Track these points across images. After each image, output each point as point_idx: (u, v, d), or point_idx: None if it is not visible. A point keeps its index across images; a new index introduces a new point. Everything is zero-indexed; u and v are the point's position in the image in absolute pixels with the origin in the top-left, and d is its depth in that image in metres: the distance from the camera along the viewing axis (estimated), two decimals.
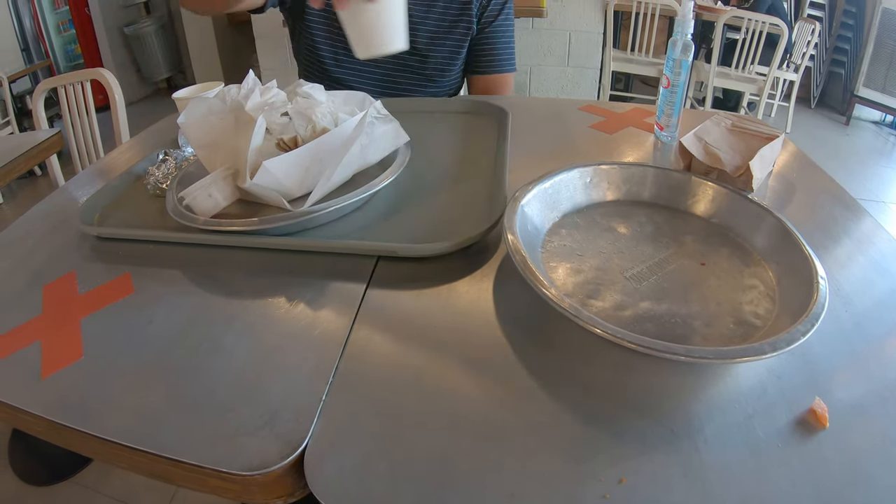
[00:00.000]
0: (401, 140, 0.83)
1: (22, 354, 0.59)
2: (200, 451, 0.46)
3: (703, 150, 0.85)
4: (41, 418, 0.52)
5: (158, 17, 6.14)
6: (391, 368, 0.53)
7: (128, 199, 0.89)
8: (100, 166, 1.11)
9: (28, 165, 1.68)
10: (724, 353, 0.49)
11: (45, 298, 0.68)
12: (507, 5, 1.32)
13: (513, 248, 0.60)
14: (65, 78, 2.13)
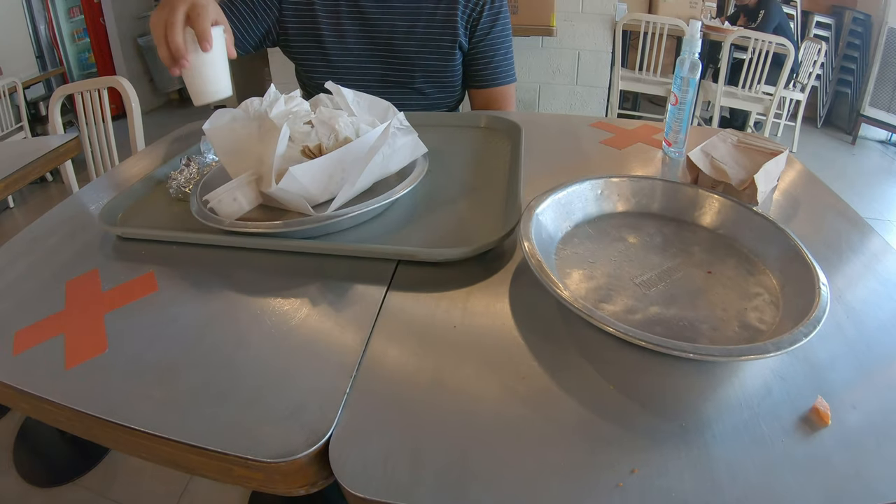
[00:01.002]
0: (419, 151, 0.87)
1: (46, 346, 0.62)
2: (226, 440, 0.48)
3: (710, 165, 0.87)
4: (64, 407, 0.54)
5: None
6: (411, 365, 0.55)
7: (149, 202, 0.92)
8: (117, 172, 1.15)
9: (45, 169, 1.71)
10: (730, 350, 0.51)
11: (68, 294, 0.71)
12: (501, 17, 1.33)
13: (529, 253, 0.62)
14: (82, 85, 2.17)
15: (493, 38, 1.32)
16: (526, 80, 3.56)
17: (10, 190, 1.53)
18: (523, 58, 3.48)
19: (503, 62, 1.35)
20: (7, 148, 2.11)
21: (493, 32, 1.32)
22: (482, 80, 1.35)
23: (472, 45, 1.32)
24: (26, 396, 0.56)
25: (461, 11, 1.27)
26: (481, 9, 1.29)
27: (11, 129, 3.98)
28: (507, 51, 1.36)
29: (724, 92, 3.88)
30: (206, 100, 0.93)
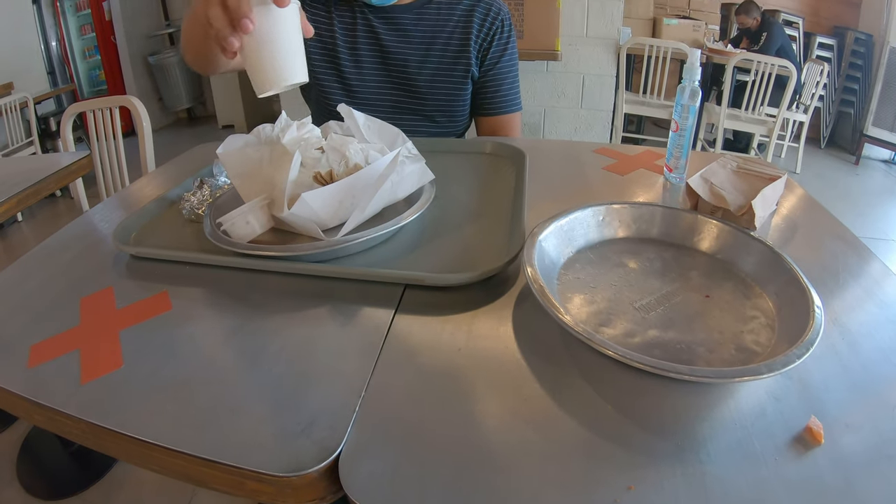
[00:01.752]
0: (426, 178, 0.89)
1: (61, 360, 0.63)
2: (239, 454, 0.50)
3: (709, 191, 0.89)
4: (79, 420, 0.55)
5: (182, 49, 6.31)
6: (418, 386, 0.57)
7: (163, 222, 0.95)
8: (129, 192, 1.17)
9: (57, 186, 1.73)
10: (724, 372, 0.53)
11: (82, 310, 0.73)
12: (510, 47, 1.36)
13: (531, 279, 0.64)
14: (94, 103, 2.21)
15: (502, 66, 1.36)
16: (531, 104, 3.60)
17: (22, 205, 1.55)
18: (528, 82, 3.52)
19: (510, 91, 1.38)
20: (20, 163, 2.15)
21: (501, 62, 1.35)
22: (490, 108, 1.38)
23: (481, 73, 1.35)
24: (41, 408, 0.58)
25: (473, 41, 1.31)
26: (492, 38, 1.32)
27: (22, 143, 4.04)
28: (514, 80, 1.39)
29: (728, 114, 3.91)
30: (279, 85, 0.76)
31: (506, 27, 1.35)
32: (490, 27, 1.32)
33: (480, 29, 1.32)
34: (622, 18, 3.64)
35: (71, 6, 6.02)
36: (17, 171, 1.74)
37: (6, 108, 3.87)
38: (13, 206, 1.51)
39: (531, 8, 3.30)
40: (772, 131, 3.78)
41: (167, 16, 6.60)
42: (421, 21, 1.31)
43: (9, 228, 3.70)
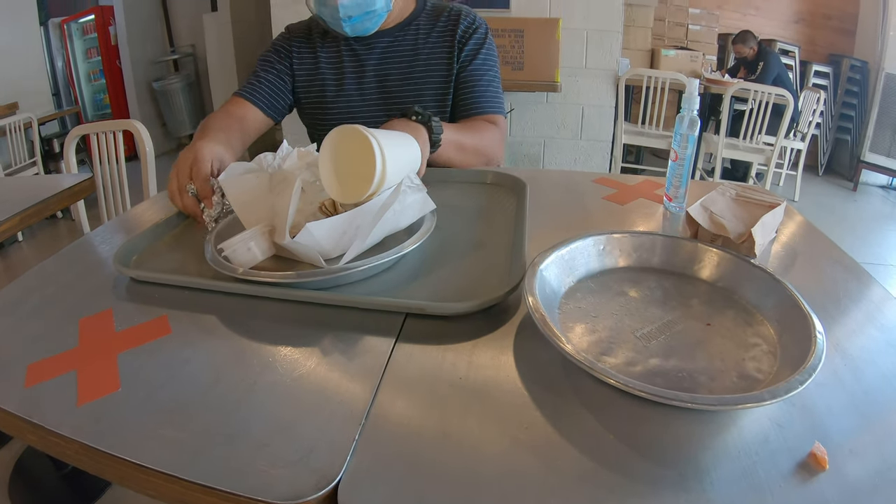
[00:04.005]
0: (428, 208, 0.90)
1: (58, 381, 0.63)
2: (236, 481, 0.49)
3: (709, 219, 0.90)
4: (75, 441, 0.55)
5: (186, 76, 6.39)
6: (419, 414, 0.57)
7: (163, 247, 0.96)
8: (131, 216, 1.19)
9: (59, 207, 1.73)
10: (726, 400, 0.53)
11: (81, 331, 0.73)
12: (485, 49, 1.41)
13: (533, 308, 0.65)
14: (98, 126, 2.23)
15: (476, 66, 1.40)
16: (531, 135, 3.64)
17: (24, 224, 1.55)
18: (528, 113, 3.56)
19: (486, 90, 1.40)
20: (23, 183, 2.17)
21: (475, 62, 1.39)
22: (466, 109, 1.40)
23: (457, 74, 1.40)
24: (35, 428, 0.58)
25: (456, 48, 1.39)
26: (468, 39, 1.39)
27: (25, 163, 4.07)
28: (490, 80, 1.41)
29: (726, 144, 3.95)
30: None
31: (481, 31, 1.41)
32: (466, 31, 1.39)
33: (462, 35, 1.39)
34: (621, 50, 3.70)
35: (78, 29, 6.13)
36: (19, 190, 1.75)
37: (11, 127, 3.91)
38: (15, 225, 1.51)
39: (531, 40, 3.36)
40: (769, 160, 3.80)
41: (172, 42, 6.71)
42: (403, 41, 1.39)
43: (9, 248, 3.70)
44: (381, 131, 0.85)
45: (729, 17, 5.84)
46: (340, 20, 1.25)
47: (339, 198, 0.86)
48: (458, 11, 1.41)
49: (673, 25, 5.48)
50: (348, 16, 1.24)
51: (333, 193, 0.86)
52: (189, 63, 6.69)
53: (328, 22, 1.30)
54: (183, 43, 6.70)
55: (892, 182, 5.26)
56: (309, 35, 1.43)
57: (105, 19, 6.02)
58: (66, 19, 6.15)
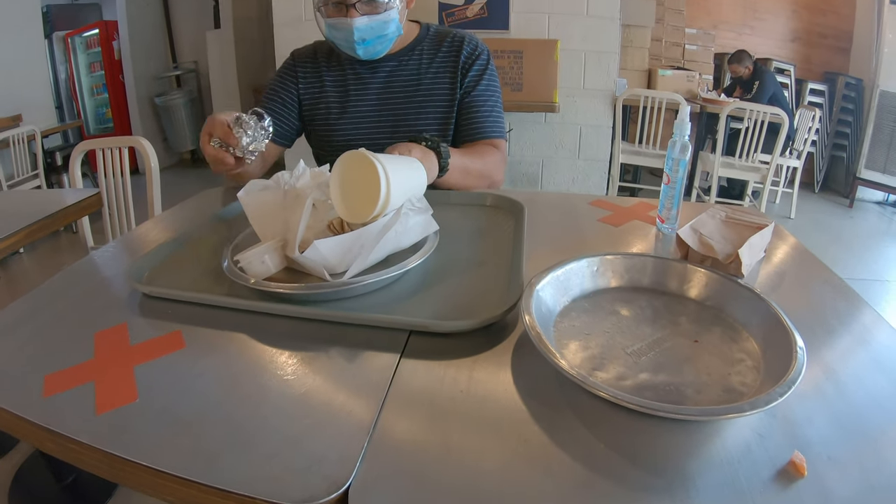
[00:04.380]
0: (431, 229, 0.94)
1: (76, 392, 0.66)
2: (252, 485, 0.53)
3: (699, 241, 0.93)
4: (94, 449, 0.58)
5: (188, 91, 6.40)
6: (423, 426, 0.60)
7: (175, 263, 0.99)
8: (137, 233, 1.23)
9: (65, 222, 1.75)
10: (709, 410, 0.57)
11: (97, 344, 0.75)
12: (487, 74, 1.46)
13: (529, 326, 0.68)
14: (104, 142, 2.26)
15: (479, 92, 1.44)
16: (529, 155, 3.67)
17: (30, 239, 1.57)
18: (527, 133, 3.60)
19: (489, 116, 1.45)
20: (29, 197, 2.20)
21: (478, 87, 1.44)
22: (469, 133, 1.45)
23: (460, 99, 1.45)
24: (55, 436, 0.60)
25: (459, 73, 1.43)
26: (471, 65, 1.44)
27: (27, 175, 4.09)
28: (493, 105, 1.46)
29: (722, 162, 3.97)
30: None
31: (484, 57, 1.46)
32: (469, 57, 1.44)
33: (465, 62, 1.43)
34: (618, 70, 3.74)
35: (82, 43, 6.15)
36: (25, 204, 1.78)
37: (14, 139, 3.93)
38: (21, 239, 1.53)
39: (530, 61, 3.40)
40: (765, 178, 3.84)
41: (175, 58, 6.75)
42: (407, 66, 1.43)
43: (10, 259, 3.67)
44: (387, 156, 0.90)
45: (725, 37, 5.89)
46: (354, 43, 1.29)
47: (346, 217, 0.90)
48: (462, 37, 1.46)
49: (670, 45, 5.54)
50: (362, 39, 1.29)
51: (342, 213, 0.90)
52: (191, 79, 6.73)
53: (340, 45, 1.34)
54: (186, 59, 6.75)
55: (887, 198, 5.31)
56: (314, 58, 1.47)
57: (109, 34, 6.06)
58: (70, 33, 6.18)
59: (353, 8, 1.25)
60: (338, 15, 1.27)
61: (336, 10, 1.27)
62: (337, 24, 1.28)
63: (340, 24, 1.27)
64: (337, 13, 1.27)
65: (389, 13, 1.28)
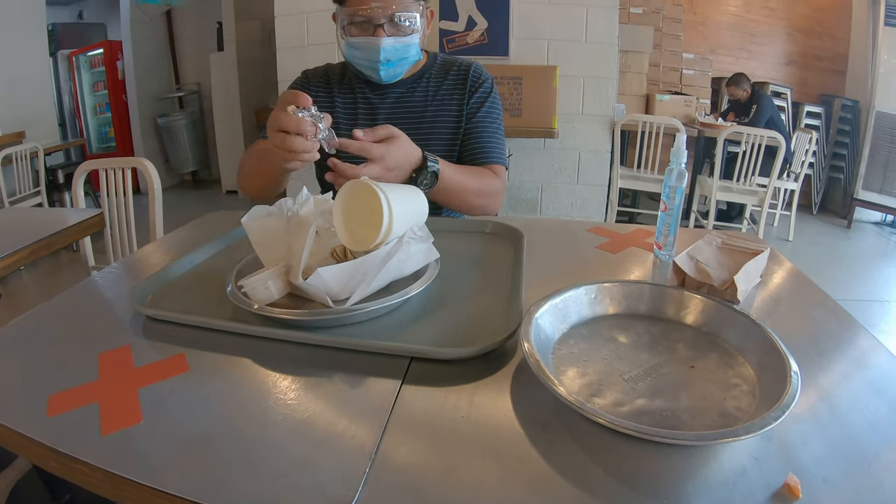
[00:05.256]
0: (432, 257, 0.96)
1: (81, 412, 0.66)
2: None
3: (695, 268, 0.95)
4: (99, 469, 0.58)
5: (191, 113, 6.45)
6: (424, 450, 0.61)
7: (178, 286, 1.00)
8: (140, 256, 1.25)
9: (68, 241, 1.76)
10: (704, 435, 0.58)
11: (101, 365, 0.76)
12: (490, 100, 1.49)
13: (528, 353, 0.69)
14: (106, 162, 2.29)
15: (483, 116, 1.47)
16: (528, 180, 3.69)
17: (33, 257, 1.58)
18: (526, 158, 3.62)
19: (489, 141, 1.48)
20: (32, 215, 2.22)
21: (480, 112, 1.47)
22: (471, 156, 1.47)
23: (465, 124, 1.47)
24: (59, 456, 0.61)
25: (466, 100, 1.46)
26: (475, 91, 1.47)
27: (29, 192, 4.12)
28: (494, 131, 1.49)
29: (720, 186, 4.00)
30: None
31: (487, 84, 1.49)
32: (474, 83, 1.47)
33: (470, 90, 1.47)
34: (616, 96, 3.78)
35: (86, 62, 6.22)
36: (28, 223, 1.81)
37: (17, 156, 3.95)
38: (24, 257, 1.54)
39: (529, 88, 3.44)
40: (763, 201, 3.86)
41: (178, 79, 6.80)
42: (415, 93, 1.46)
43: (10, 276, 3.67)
44: (389, 185, 0.91)
45: (722, 61, 5.97)
46: (378, 63, 1.32)
47: (349, 245, 0.92)
48: (468, 66, 1.50)
49: (667, 70, 5.61)
50: (387, 59, 1.32)
51: (345, 241, 0.92)
52: (194, 101, 6.79)
53: (362, 66, 1.37)
54: (189, 80, 6.81)
55: (885, 218, 5.35)
56: (327, 80, 1.50)
57: (113, 54, 6.13)
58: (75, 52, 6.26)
59: (380, 28, 1.27)
60: (364, 35, 1.29)
61: (362, 30, 1.29)
62: (363, 45, 1.30)
63: (367, 45, 1.30)
64: (363, 33, 1.29)
65: (414, 36, 1.32)
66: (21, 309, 0.93)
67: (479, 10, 3.52)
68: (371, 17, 1.27)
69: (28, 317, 0.90)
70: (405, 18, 1.28)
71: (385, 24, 1.27)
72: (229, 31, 5.87)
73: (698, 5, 6.00)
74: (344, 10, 1.30)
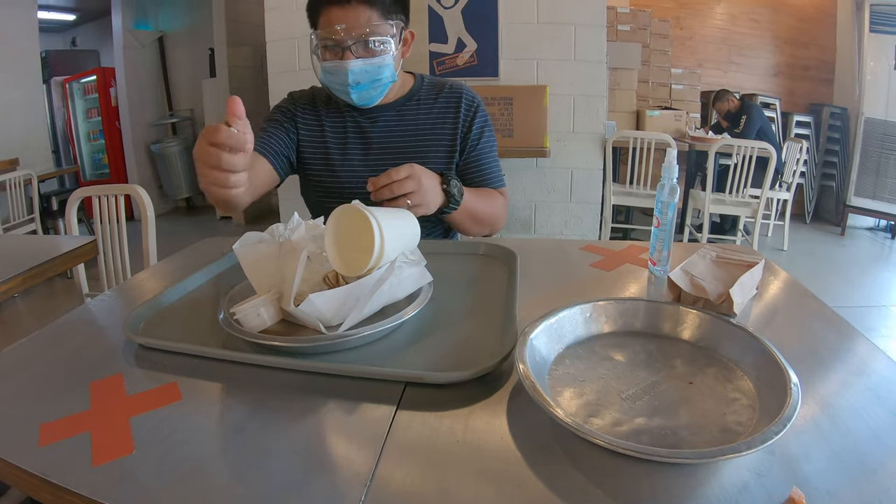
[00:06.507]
0: (425, 280, 0.95)
1: (72, 442, 0.66)
2: None
3: (690, 283, 0.94)
4: (91, 501, 0.57)
5: (184, 139, 6.49)
6: (420, 475, 0.60)
7: (171, 314, 0.99)
8: (134, 283, 1.24)
9: (60, 269, 1.75)
10: (704, 453, 0.58)
11: (92, 394, 0.75)
12: (487, 129, 1.50)
13: (524, 376, 0.69)
14: (99, 189, 2.29)
15: (483, 145, 1.49)
16: (521, 200, 3.69)
17: (25, 285, 1.57)
18: (518, 178, 3.63)
19: (490, 167, 1.50)
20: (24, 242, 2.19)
21: (482, 141, 1.49)
22: (476, 184, 1.49)
23: (465, 153, 1.48)
24: (51, 487, 0.60)
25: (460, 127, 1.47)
26: (472, 121, 1.48)
27: (23, 219, 4.12)
28: (493, 157, 1.51)
29: (713, 199, 4.01)
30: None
31: (481, 111, 1.51)
32: (468, 112, 1.48)
33: (465, 116, 1.47)
34: (607, 113, 3.80)
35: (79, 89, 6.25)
36: (21, 250, 1.79)
37: (11, 183, 3.96)
38: (18, 285, 1.53)
39: (520, 108, 3.46)
40: (756, 212, 3.87)
41: (171, 106, 6.83)
42: (405, 115, 1.46)
43: (4, 304, 3.68)
44: (381, 210, 0.91)
45: (710, 75, 6.02)
46: (349, 86, 1.30)
47: (341, 271, 0.91)
48: (459, 88, 1.50)
49: (656, 86, 5.64)
50: (357, 82, 1.30)
51: (336, 266, 0.91)
52: (187, 127, 6.82)
53: (335, 90, 1.36)
54: (182, 107, 6.85)
55: (878, 224, 5.38)
56: (314, 103, 1.49)
57: (106, 80, 6.16)
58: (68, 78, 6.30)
59: (348, 51, 1.27)
60: (333, 58, 1.29)
61: (332, 53, 1.29)
62: (332, 68, 1.30)
63: (335, 68, 1.29)
64: (333, 56, 1.29)
65: (384, 58, 1.30)
66: (16, 336, 0.93)
67: (468, 32, 3.55)
68: (339, 40, 1.26)
69: (21, 345, 0.90)
70: (376, 41, 1.28)
71: (353, 46, 1.27)
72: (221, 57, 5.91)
73: (685, 21, 6.06)
74: (316, 33, 1.31)
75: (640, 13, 5.38)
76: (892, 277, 4.28)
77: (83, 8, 6.76)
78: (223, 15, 5.82)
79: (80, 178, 6.32)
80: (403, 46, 1.38)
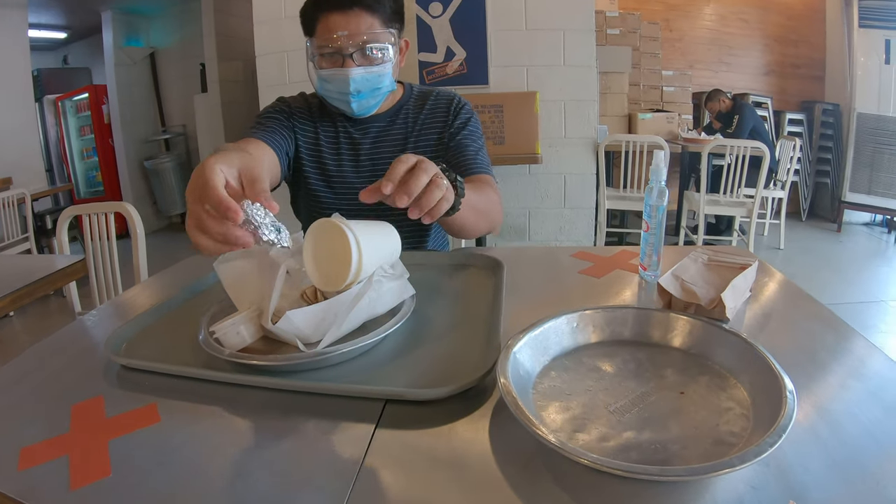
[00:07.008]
0: (406, 293, 0.93)
1: (51, 466, 0.65)
2: None
3: (681, 288, 0.93)
4: None
5: (177, 155, 6.52)
6: (399, 494, 0.59)
7: (154, 333, 0.98)
8: (122, 300, 1.22)
9: (51, 288, 1.75)
10: (695, 470, 0.55)
11: (73, 417, 0.74)
12: (472, 122, 1.47)
13: (505, 391, 0.66)
14: (90, 207, 2.30)
15: (465, 134, 1.45)
16: (515, 207, 3.68)
17: (16, 305, 1.58)
18: (511, 185, 3.62)
19: (475, 155, 1.43)
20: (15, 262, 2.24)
21: (464, 131, 1.45)
22: (459, 169, 1.42)
23: (448, 144, 1.45)
24: None
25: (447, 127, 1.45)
26: (456, 115, 1.46)
27: (17, 238, 4.14)
28: (478, 146, 1.45)
29: (707, 200, 4.01)
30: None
31: (467, 108, 1.49)
32: (454, 108, 1.47)
33: (451, 115, 1.46)
34: (598, 117, 3.78)
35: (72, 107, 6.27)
36: (12, 269, 1.79)
37: (4, 202, 3.97)
38: (7, 305, 1.54)
39: (510, 115, 3.45)
40: (752, 212, 3.87)
41: (164, 122, 6.84)
42: (395, 126, 1.45)
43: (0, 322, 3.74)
44: (359, 223, 0.89)
45: (701, 76, 6.04)
46: (349, 95, 1.28)
47: (320, 286, 0.89)
48: (445, 94, 1.49)
49: (648, 89, 5.65)
50: (357, 91, 1.28)
51: (315, 281, 0.89)
52: (180, 143, 6.84)
53: (333, 99, 1.34)
54: (174, 123, 6.86)
55: (874, 218, 5.39)
56: (308, 110, 1.46)
57: (98, 98, 6.18)
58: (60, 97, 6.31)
59: (349, 59, 1.24)
60: (332, 66, 1.26)
61: (331, 61, 1.27)
62: (331, 77, 1.27)
63: (335, 76, 1.26)
64: (332, 64, 1.27)
65: (385, 66, 1.28)
66: (11, 355, 0.93)
67: (456, 41, 3.54)
68: (340, 47, 1.24)
69: (8, 368, 0.89)
70: (376, 49, 1.26)
71: (354, 54, 1.24)
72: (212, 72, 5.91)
73: (674, 22, 6.08)
74: (314, 41, 1.27)
75: (629, 16, 5.38)
76: (889, 272, 4.28)
77: (74, 26, 6.78)
78: (213, 30, 5.82)
79: (74, 196, 6.32)
80: (399, 55, 1.36)
